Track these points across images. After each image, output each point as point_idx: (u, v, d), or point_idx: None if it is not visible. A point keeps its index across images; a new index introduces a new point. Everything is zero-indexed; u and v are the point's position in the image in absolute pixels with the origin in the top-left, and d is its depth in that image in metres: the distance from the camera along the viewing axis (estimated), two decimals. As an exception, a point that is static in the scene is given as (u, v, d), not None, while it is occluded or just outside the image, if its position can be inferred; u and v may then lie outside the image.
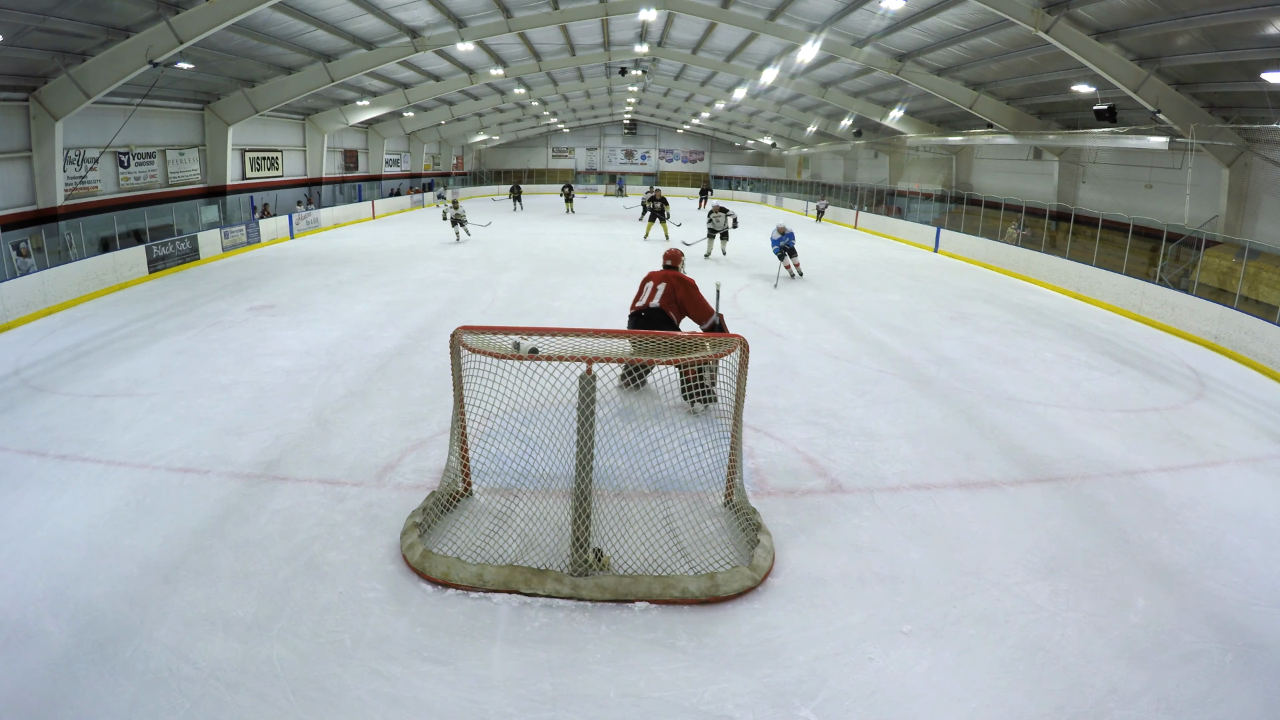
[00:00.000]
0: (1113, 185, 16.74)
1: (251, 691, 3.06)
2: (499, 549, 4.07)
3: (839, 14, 15.26)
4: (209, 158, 18.50)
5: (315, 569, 3.96)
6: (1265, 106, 11.32)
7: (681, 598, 3.72)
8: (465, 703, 3.05)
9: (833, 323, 10.17)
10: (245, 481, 5.00)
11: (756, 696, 3.11)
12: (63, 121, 12.65)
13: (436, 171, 35.80)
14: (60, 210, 13.09)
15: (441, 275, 13.59)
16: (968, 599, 3.82)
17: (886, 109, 21.69)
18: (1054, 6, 11.61)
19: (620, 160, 45.69)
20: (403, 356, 8.10)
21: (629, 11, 17.29)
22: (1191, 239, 12.36)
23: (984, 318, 10.95)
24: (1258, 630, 3.63)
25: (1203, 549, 4.41)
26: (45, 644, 3.32)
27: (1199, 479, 5.46)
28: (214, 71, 16.01)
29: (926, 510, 4.80)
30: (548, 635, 3.49)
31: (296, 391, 6.88)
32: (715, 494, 4.64)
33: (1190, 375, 8.36)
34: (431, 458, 5.40)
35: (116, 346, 8.51)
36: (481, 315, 10.27)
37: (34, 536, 4.25)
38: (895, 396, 7.07)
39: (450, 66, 22.68)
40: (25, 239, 11.45)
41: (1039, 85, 15.91)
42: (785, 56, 18.81)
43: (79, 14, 10.94)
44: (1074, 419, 6.61)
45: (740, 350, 4.20)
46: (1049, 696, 3.15)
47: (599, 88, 31.86)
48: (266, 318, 9.99)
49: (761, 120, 34.02)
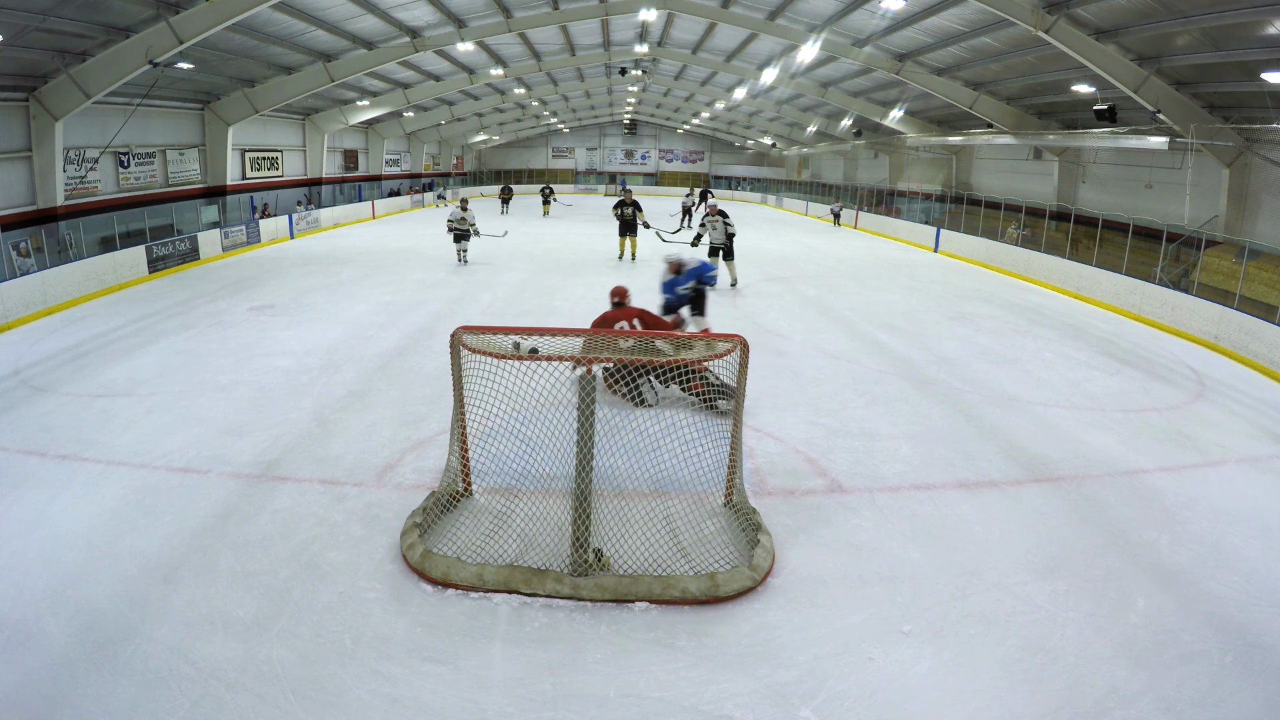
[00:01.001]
0: (1113, 185, 16.74)
1: (251, 691, 3.06)
2: (499, 549, 4.07)
3: (839, 14, 15.25)
4: (209, 158, 18.50)
5: (315, 569, 3.96)
6: (1265, 106, 11.32)
7: (681, 598, 3.72)
8: (465, 703, 3.05)
9: (833, 323, 10.17)
10: (245, 481, 5.00)
11: (756, 696, 3.11)
12: (63, 121, 12.64)
13: (436, 171, 35.79)
14: (60, 210, 13.09)
15: (441, 275, 13.59)
16: (968, 599, 3.82)
17: (886, 109, 21.69)
18: (1054, 6, 11.61)
19: (620, 160, 45.68)
20: (403, 356, 8.10)
21: (629, 11, 17.29)
22: (1191, 239, 12.36)
23: (984, 318, 10.95)
24: (1258, 630, 3.63)
25: (1203, 549, 4.41)
26: (45, 644, 3.32)
27: (1199, 479, 5.46)
28: (214, 71, 16.01)
29: (926, 510, 4.80)
30: (548, 635, 3.49)
31: (296, 391, 6.88)
32: (715, 494, 4.64)
33: (1190, 375, 8.36)
34: (431, 458, 5.40)
35: (116, 346, 8.51)
36: (481, 315, 10.27)
37: (34, 536, 4.25)
38: (895, 396, 7.07)
39: (450, 66, 22.68)
40: (25, 239, 11.45)
41: (1039, 85, 15.91)
42: (785, 56, 18.80)
43: (79, 14, 10.94)
44: (1074, 419, 6.61)
45: (740, 350, 4.20)
46: (1049, 696, 3.15)
47: (599, 88, 31.86)
48: (266, 318, 9.99)
49: (761, 120, 34.02)
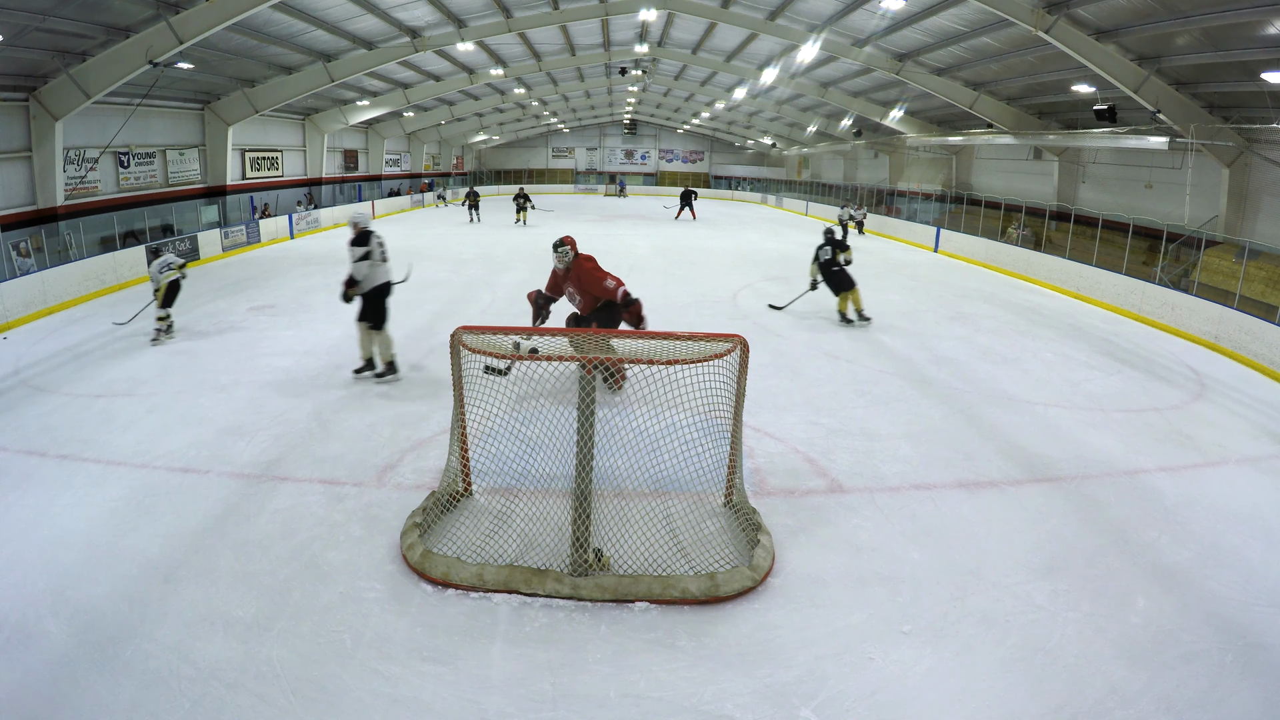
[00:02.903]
0: (1113, 185, 16.74)
1: (251, 691, 3.06)
2: (499, 549, 4.07)
3: (839, 14, 15.25)
4: (209, 158, 18.50)
5: (315, 569, 3.96)
6: (1265, 106, 11.31)
7: (681, 598, 3.72)
8: (465, 703, 3.05)
9: (833, 323, 10.17)
10: (245, 481, 5.00)
11: (756, 696, 3.11)
12: (63, 121, 12.64)
13: (437, 171, 35.80)
14: (60, 210, 13.08)
15: (441, 275, 13.59)
16: (968, 599, 3.82)
17: (886, 109, 21.68)
18: (1054, 6, 11.61)
19: (620, 160, 45.67)
20: (403, 356, 8.08)
21: (629, 11, 17.28)
22: (1191, 239, 12.36)
23: (984, 318, 10.95)
24: (1258, 630, 3.63)
25: (1203, 549, 4.41)
26: (45, 644, 3.32)
27: (1199, 479, 5.46)
28: (214, 71, 16.00)
29: (926, 510, 4.80)
30: (548, 635, 3.49)
31: (296, 391, 6.88)
32: (715, 494, 4.64)
33: (1190, 375, 8.36)
34: (431, 458, 5.40)
35: (116, 346, 8.50)
36: (481, 315, 10.27)
37: (34, 536, 4.25)
38: (895, 396, 7.07)
39: (450, 66, 22.67)
40: (25, 239, 11.45)
41: (1039, 85, 15.90)
42: (785, 56, 18.80)
43: (79, 14, 10.94)
44: (1074, 419, 6.61)
45: (740, 350, 4.20)
46: (1049, 696, 3.15)
47: (599, 88, 31.85)
48: (266, 318, 9.99)
49: (761, 120, 34.01)
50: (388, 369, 6.39)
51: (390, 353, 6.47)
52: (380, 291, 6.43)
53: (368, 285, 6.31)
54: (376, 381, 6.29)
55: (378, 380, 6.26)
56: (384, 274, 6.46)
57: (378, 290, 6.39)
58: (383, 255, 6.47)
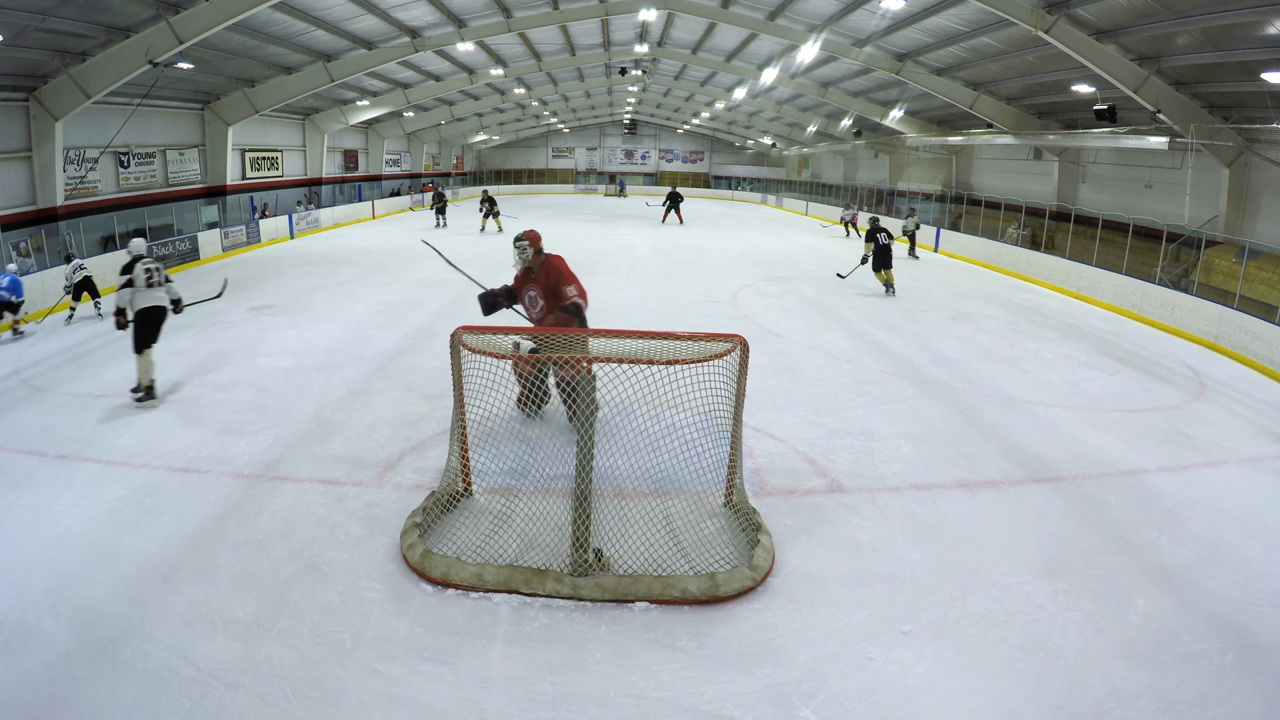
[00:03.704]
0: (1113, 185, 16.74)
1: (251, 691, 3.06)
2: (499, 549, 4.07)
3: (839, 14, 15.26)
4: (209, 158, 18.51)
5: (315, 569, 3.96)
6: (1265, 106, 11.32)
7: (681, 598, 3.72)
8: (465, 703, 3.05)
9: (833, 323, 10.17)
10: (245, 481, 5.00)
11: (756, 696, 3.11)
12: (63, 121, 12.65)
13: (437, 171, 35.81)
14: (60, 210, 13.09)
15: (441, 275, 13.55)
16: (968, 599, 3.82)
17: (886, 109, 21.69)
18: (1054, 6, 11.61)
19: (620, 160, 45.68)
20: (403, 356, 8.10)
21: (629, 11, 17.30)
22: (1191, 239, 12.36)
23: (984, 318, 10.95)
24: (1258, 630, 3.63)
25: (1203, 549, 4.41)
26: (45, 644, 3.32)
27: (1199, 479, 5.46)
28: (214, 71, 16.01)
29: (926, 510, 4.80)
30: (548, 635, 3.49)
31: (296, 391, 6.88)
32: (715, 494, 4.64)
33: (1190, 375, 8.36)
34: (431, 458, 5.40)
35: (116, 346, 8.48)
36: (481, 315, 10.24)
37: (34, 536, 4.24)
38: (895, 396, 7.07)
39: (450, 66, 22.68)
40: (25, 239, 11.46)
41: (1039, 85, 15.91)
42: (785, 56, 18.81)
43: (79, 14, 10.95)
44: (1074, 419, 6.61)
45: (740, 350, 4.20)
46: (1049, 696, 3.15)
47: (599, 88, 31.86)
48: (266, 318, 9.99)
49: (761, 120, 34.02)
50: (146, 392, 6.49)
51: (150, 376, 6.55)
52: (146, 315, 6.58)
53: (131, 311, 6.51)
54: (136, 404, 6.35)
55: (137, 402, 6.36)
56: (152, 299, 6.62)
57: (142, 315, 6.55)
58: (148, 281, 6.63)
